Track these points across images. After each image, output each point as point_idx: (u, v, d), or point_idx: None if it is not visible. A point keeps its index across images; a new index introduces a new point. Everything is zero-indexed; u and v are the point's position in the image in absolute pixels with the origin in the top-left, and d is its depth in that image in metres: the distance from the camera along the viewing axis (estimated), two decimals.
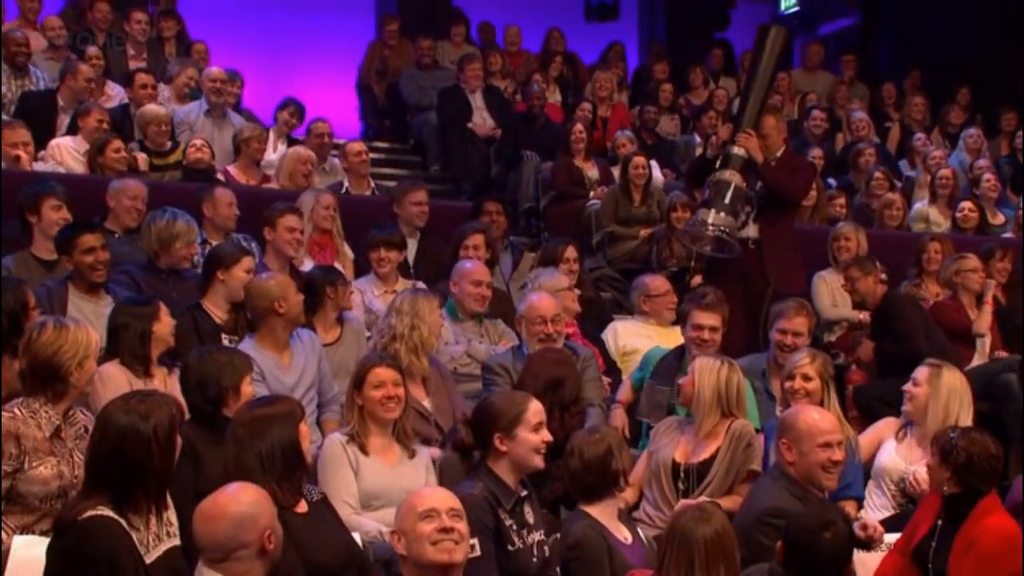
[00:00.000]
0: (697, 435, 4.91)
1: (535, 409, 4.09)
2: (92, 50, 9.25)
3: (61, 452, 3.94)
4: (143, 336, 4.78)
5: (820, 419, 4.43)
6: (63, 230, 5.64)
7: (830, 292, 7.62)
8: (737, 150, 6.83)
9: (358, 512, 4.37)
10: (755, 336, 6.58)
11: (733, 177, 6.77)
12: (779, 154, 7.07)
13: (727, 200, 6.70)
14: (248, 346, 5.09)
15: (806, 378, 5.16)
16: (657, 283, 6.72)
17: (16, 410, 3.91)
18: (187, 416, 4.18)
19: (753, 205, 6.87)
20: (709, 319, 5.56)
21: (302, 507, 3.77)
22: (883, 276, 7.03)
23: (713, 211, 6.68)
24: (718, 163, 6.85)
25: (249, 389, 4.39)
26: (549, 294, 5.81)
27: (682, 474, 4.83)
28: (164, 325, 4.87)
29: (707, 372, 4.91)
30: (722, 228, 6.66)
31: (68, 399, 4.00)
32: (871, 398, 6.36)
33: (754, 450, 4.86)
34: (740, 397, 4.95)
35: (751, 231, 6.92)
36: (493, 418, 4.04)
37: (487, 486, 3.98)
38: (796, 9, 15.88)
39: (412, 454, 4.59)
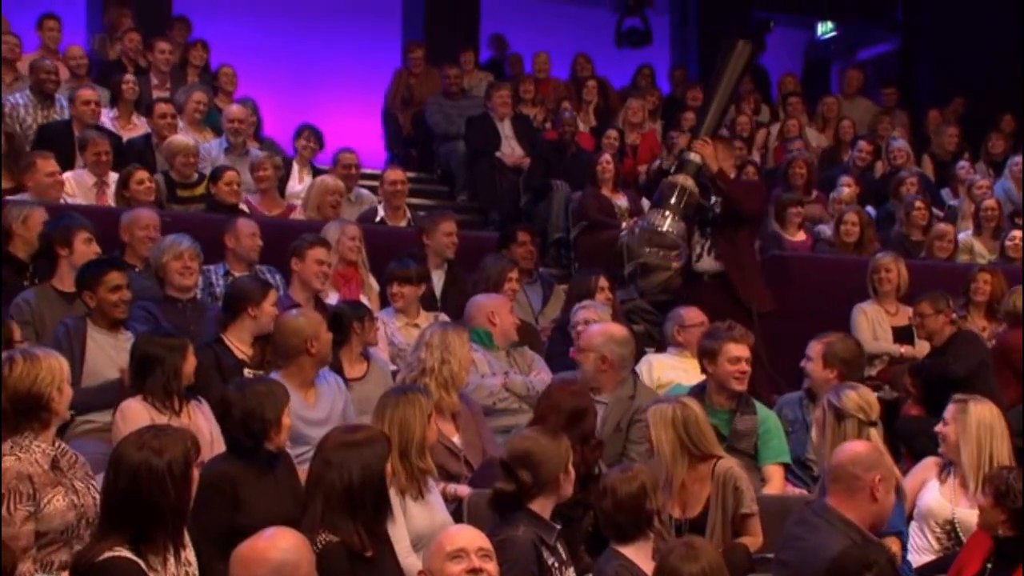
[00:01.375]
0: (677, 486, 4.79)
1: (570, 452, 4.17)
2: (128, 77, 9.34)
3: (63, 482, 3.94)
4: (176, 370, 4.80)
5: (864, 450, 4.35)
6: (87, 266, 5.67)
7: (870, 324, 7.59)
8: (692, 156, 7.03)
9: (413, 555, 4.37)
10: None
11: (686, 181, 6.89)
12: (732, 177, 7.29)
13: (677, 203, 6.82)
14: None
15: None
16: (692, 314, 6.71)
17: (17, 453, 3.89)
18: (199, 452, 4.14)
19: (706, 225, 6.93)
20: (743, 350, 5.55)
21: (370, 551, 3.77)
22: (954, 316, 6.99)
23: (661, 213, 6.80)
24: (672, 168, 7.04)
25: (288, 421, 4.41)
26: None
27: (677, 530, 4.71)
28: (191, 362, 4.90)
29: (660, 424, 4.78)
30: (670, 231, 6.76)
31: (52, 428, 4.00)
32: (912, 432, 6.34)
33: (742, 493, 4.75)
34: (704, 432, 4.81)
35: (708, 264, 6.98)
36: (536, 467, 4.07)
37: (529, 526, 3.99)
38: (834, 34, 15.91)
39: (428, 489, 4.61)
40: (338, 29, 13.62)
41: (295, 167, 9.26)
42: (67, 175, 7.86)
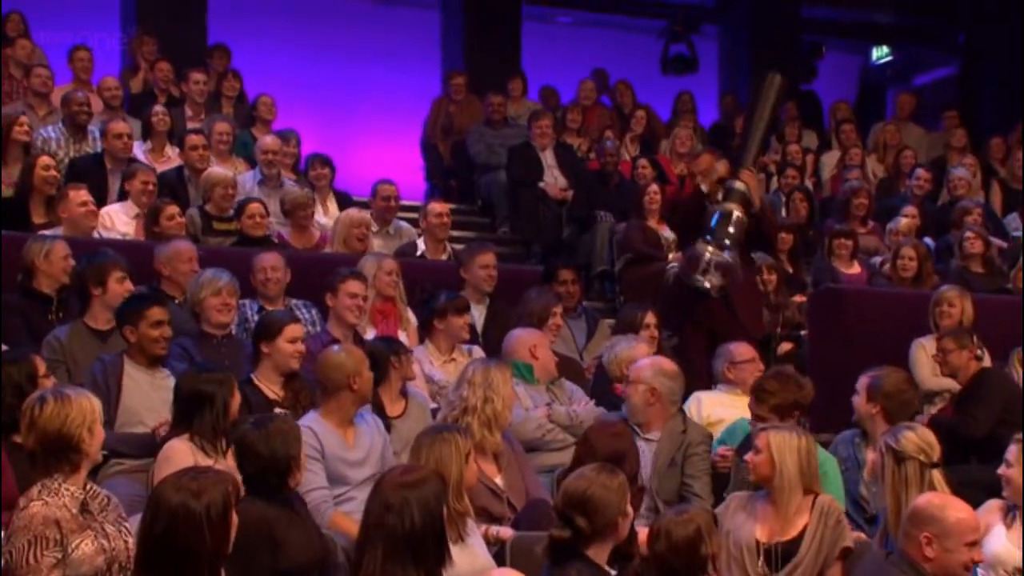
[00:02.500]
0: (780, 512, 4.84)
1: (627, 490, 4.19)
2: (158, 108, 9.44)
3: (93, 526, 3.92)
4: (226, 407, 4.81)
5: (969, 516, 4.31)
6: (130, 300, 5.73)
7: (930, 360, 7.53)
8: (739, 185, 7.22)
9: None
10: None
11: (737, 210, 7.18)
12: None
13: (730, 231, 7.09)
14: (311, 420, 5.12)
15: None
16: (743, 350, 6.72)
17: (45, 498, 3.87)
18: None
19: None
20: None
21: None
22: (979, 352, 6.94)
23: (714, 243, 6.97)
24: (720, 196, 7.25)
25: (304, 459, 4.46)
26: None
27: (764, 554, 4.75)
28: (237, 398, 4.92)
29: (788, 447, 4.83)
30: (723, 256, 7.04)
31: (84, 470, 3.97)
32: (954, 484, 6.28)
33: (843, 528, 4.81)
34: (817, 470, 4.90)
35: (713, 279, 7.15)
36: (594, 512, 4.08)
37: (585, 572, 4.00)
38: (890, 59, 15.87)
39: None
40: (376, 57, 13.74)
41: (316, 199, 9.25)
42: (107, 209, 7.98)
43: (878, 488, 5.40)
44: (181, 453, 4.70)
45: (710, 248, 7.14)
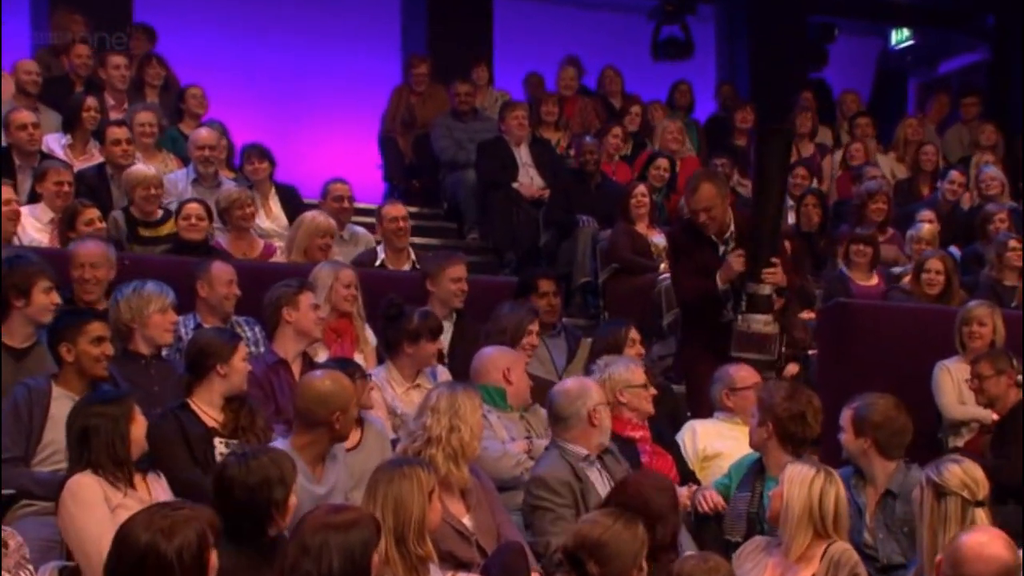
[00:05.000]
0: (786, 559, 4.92)
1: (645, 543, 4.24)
2: (91, 100, 9.40)
3: None
4: (121, 438, 4.83)
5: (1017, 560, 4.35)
6: (66, 315, 5.76)
7: (956, 386, 7.57)
8: (764, 290, 7.10)
9: None
10: None
11: (768, 327, 7.08)
12: (732, 227, 7.34)
13: (764, 353, 7.02)
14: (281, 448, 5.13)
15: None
16: (744, 374, 6.76)
17: None
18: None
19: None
20: None
21: None
22: (1020, 378, 6.98)
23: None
24: (743, 304, 7.10)
25: (295, 500, 4.48)
26: None
27: None
28: (140, 425, 4.93)
29: (798, 482, 4.93)
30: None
31: None
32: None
33: None
34: (839, 515, 4.97)
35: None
36: (607, 560, 4.14)
37: None
38: (910, 43, 15.98)
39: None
40: (327, 40, 13.75)
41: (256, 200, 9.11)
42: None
43: (885, 535, 5.51)
44: (88, 488, 4.73)
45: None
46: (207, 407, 5.61)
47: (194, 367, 5.69)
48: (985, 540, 4.32)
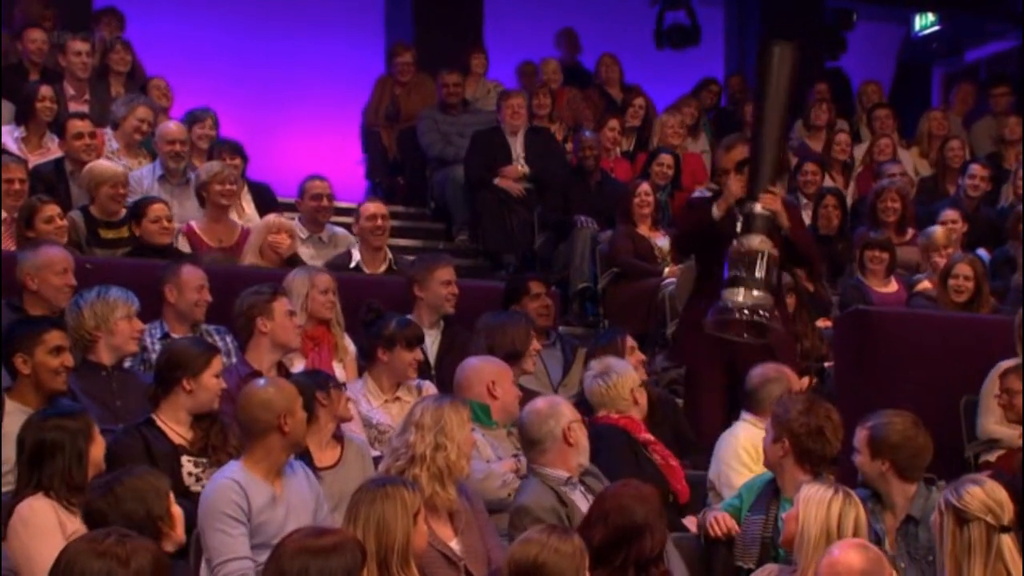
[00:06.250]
0: None
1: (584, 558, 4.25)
2: (45, 90, 9.37)
3: None
4: (80, 457, 4.80)
5: None
6: (21, 323, 5.76)
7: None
8: (760, 209, 7.16)
9: None
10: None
11: (764, 245, 7.09)
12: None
13: (760, 273, 7.00)
14: (234, 471, 5.15)
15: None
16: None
17: None
18: None
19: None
20: None
21: None
22: None
23: (744, 290, 6.97)
24: (739, 227, 7.14)
25: (178, 509, 4.50)
26: None
27: None
28: (98, 445, 4.91)
29: (815, 504, 4.92)
30: (760, 311, 6.93)
31: None
32: None
33: None
34: (859, 536, 4.96)
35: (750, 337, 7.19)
36: None
37: None
38: (935, 30, 15.98)
39: None
40: (305, 27, 13.76)
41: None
42: None
43: (907, 564, 5.50)
44: (41, 513, 4.69)
45: (750, 299, 7.06)
46: (174, 423, 5.60)
47: (161, 379, 5.69)
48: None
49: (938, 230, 9.77)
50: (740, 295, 6.97)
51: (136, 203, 8.13)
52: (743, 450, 6.50)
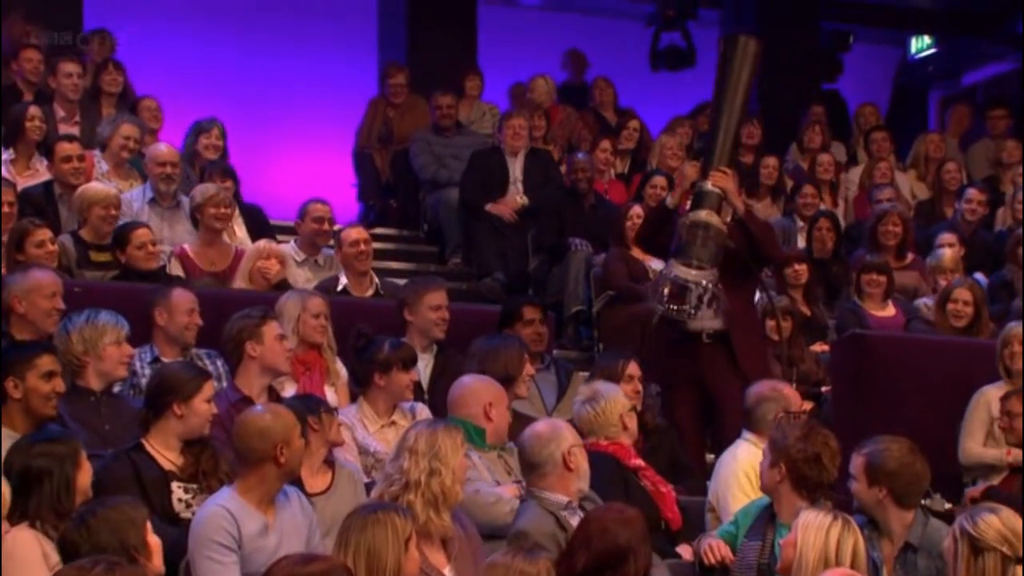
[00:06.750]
0: None
1: None
2: (34, 110, 9.39)
3: None
4: (68, 485, 4.80)
5: None
6: (12, 347, 5.75)
7: (991, 418, 7.59)
8: (710, 187, 7.38)
9: None
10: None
11: (711, 217, 7.27)
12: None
13: (706, 246, 7.17)
14: (226, 498, 5.16)
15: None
16: (798, 397, 6.78)
17: None
18: None
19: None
20: None
21: None
22: None
23: (689, 264, 7.13)
24: (689, 204, 7.37)
25: (155, 539, 4.49)
26: None
27: None
28: (86, 473, 4.90)
29: (813, 530, 4.92)
30: (705, 282, 7.06)
31: None
32: None
33: None
34: (858, 568, 4.92)
35: (708, 320, 7.36)
36: None
37: None
38: (933, 52, 16.01)
39: None
40: (297, 46, 13.79)
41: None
42: None
43: None
44: (26, 544, 4.68)
45: (692, 271, 7.21)
46: (164, 448, 5.59)
47: (152, 403, 5.68)
48: None
49: (946, 253, 9.82)
50: (684, 265, 7.14)
51: (119, 229, 8.09)
52: (743, 473, 6.50)
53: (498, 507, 5.88)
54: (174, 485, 5.51)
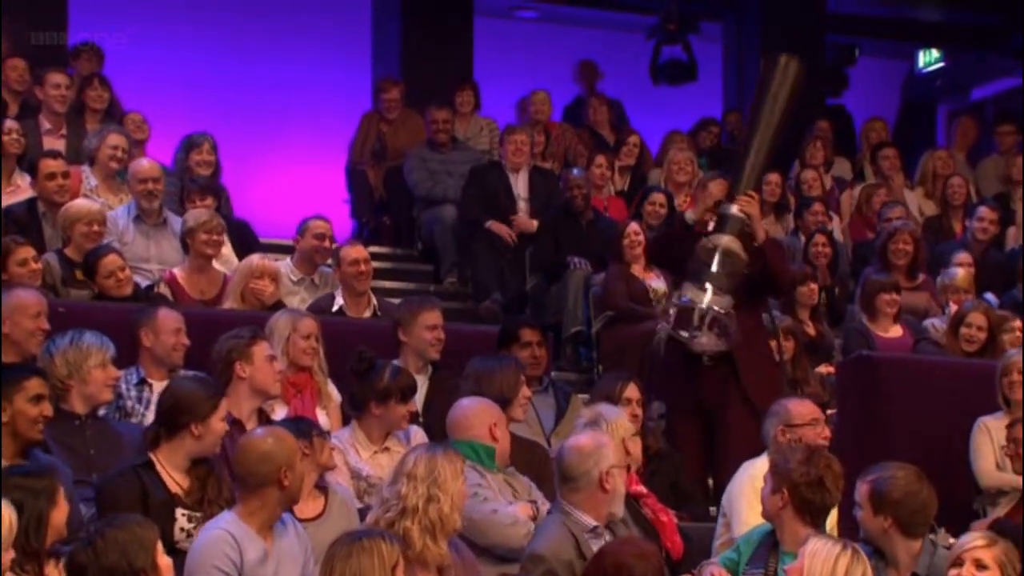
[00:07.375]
0: None
1: None
2: (10, 123, 9.36)
3: None
4: (40, 521, 4.72)
5: None
6: (1, 370, 5.70)
7: (996, 447, 7.58)
8: (735, 211, 7.28)
9: None
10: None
11: (733, 244, 7.20)
12: None
13: (724, 273, 7.12)
14: (228, 522, 5.15)
15: (980, 566, 5.15)
16: (804, 410, 6.65)
17: None
18: None
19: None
20: None
21: None
22: None
23: (703, 288, 7.07)
24: (711, 227, 7.27)
25: (166, 560, 4.47)
26: None
27: None
28: (61, 510, 4.83)
29: (821, 559, 4.90)
30: (717, 309, 7.03)
31: None
32: None
33: None
34: None
35: (709, 341, 7.31)
36: None
37: None
38: (940, 66, 16.02)
39: None
40: (288, 60, 13.78)
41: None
42: None
43: None
44: None
45: (705, 296, 7.16)
46: (172, 469, 5.59)
47: (166, 421, 5.66)
48: None
49: (959, 272, 9.81)
50: (700, 291, 7.06)
51: (89, 255, 8.01)
52: (760, 481, 6.50)
53: (514, 529, 5.86)
54: (178, 512, 5.49)
